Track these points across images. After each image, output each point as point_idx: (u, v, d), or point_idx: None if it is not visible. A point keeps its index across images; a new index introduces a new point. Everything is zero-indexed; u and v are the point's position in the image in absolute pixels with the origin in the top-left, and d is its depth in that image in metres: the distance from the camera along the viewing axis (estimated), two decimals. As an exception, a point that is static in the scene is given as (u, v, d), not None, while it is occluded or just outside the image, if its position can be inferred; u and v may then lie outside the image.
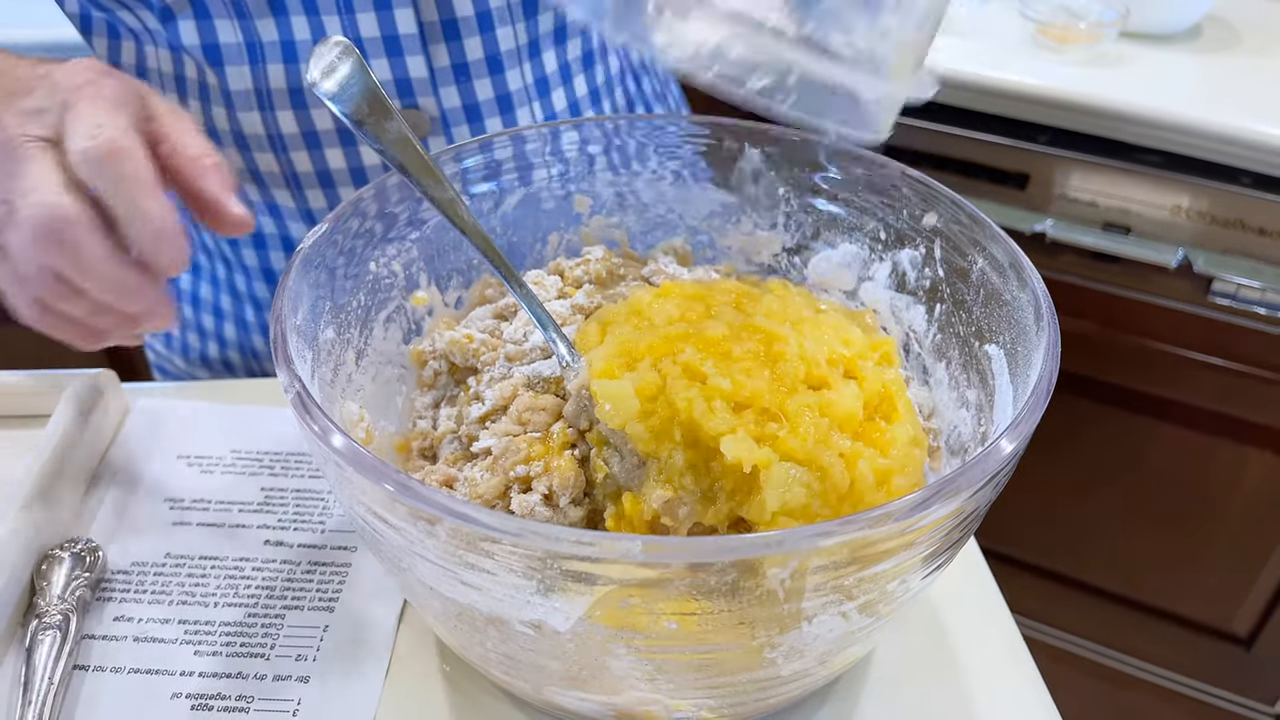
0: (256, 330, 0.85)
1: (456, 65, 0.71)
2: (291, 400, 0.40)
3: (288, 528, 0.62)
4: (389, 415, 0.56)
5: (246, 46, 0.68)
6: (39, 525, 0.57)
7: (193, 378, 0.90)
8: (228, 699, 0.52)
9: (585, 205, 0.63)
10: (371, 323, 0.55)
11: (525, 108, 0.75)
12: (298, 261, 0.47)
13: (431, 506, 0.35)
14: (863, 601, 0.39)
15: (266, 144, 0.72)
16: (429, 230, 0.57)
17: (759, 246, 0.63)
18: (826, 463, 0.45)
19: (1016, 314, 0.48)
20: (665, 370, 0.47)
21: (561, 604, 0.37)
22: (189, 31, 0.68)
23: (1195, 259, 1.14)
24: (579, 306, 0.57)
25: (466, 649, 0.46)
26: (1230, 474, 1.29)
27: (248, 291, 0.83)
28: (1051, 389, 0.42)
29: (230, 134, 0.72)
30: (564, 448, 0.50)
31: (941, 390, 0.55)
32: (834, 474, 0.45)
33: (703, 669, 0.41)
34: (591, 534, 0.35)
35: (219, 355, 0.87)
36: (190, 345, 0.88)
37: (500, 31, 0.71)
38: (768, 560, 0.35)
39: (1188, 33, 1.29)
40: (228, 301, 0.84)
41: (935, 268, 0.55)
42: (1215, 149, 1.09)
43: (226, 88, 0.70)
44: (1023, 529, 1.44)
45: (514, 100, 0.74)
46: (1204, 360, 1.22)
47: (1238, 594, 1.37)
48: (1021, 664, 0.54)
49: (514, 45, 0.72)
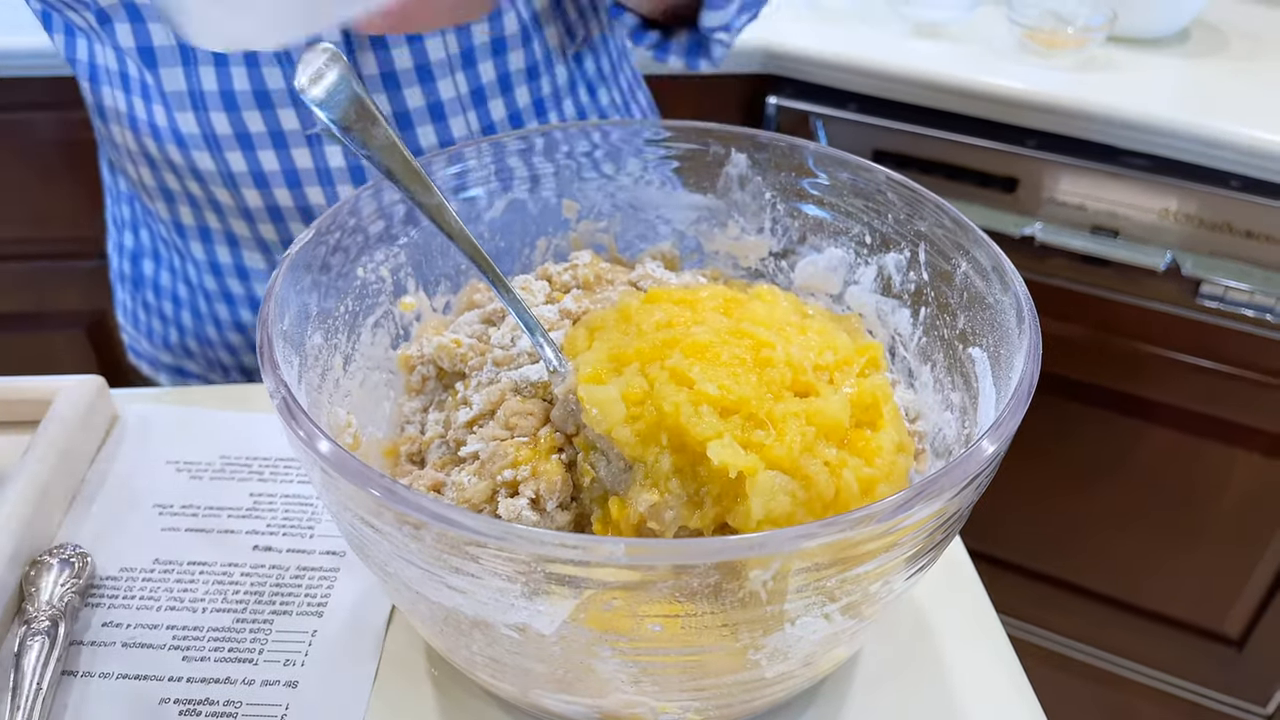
0: (210, 321, 0.86)
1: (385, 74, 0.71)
2: (278, 406, 0.40)
3: (276, 533, 0.62)
4: (377, 421, 0.56)
5: (180, 49, 0.70)
6: (27, 530, 0.57)
7: (158, 360, 0.93)
8: (215, 704, 0.52)
9: (573, 210, 0.63)
10: (359, 328, 0.55)
11: (459, 117, 0.75)
12: (285, 267, 0.47)
13: (417, 511, 0.36)
14: (846, 603, 0.40)
15: (203, 143, 0.73)
16: (416, 235, 0.57)
17: (746, 251, 0.63)
18: (812, 471, 0.45)
19: (999, 317, 0.48)
20: (653, 375, 0.48)
21: (546, 607, 0.37)
22: (125, 34, 0.70)
23: (1184, 262, 1.15)
24: (566, 311, 0.57)
25: (453, 653, 0.46)
26: (1219, 476, 1.29)
27: (198, 283, 0.85)
28: (1032, 391, 0.42)
29: (170, 133, 0.74)
30: (551, 452, 0.50)
31: (926, 393, 0.55)
32: (819, 482, 0.45)
33: (688, 671, 0.41)
34: (575, 537, 0.35)
35: (179, 341, 0.89)
36: (155, 330, 0.91)
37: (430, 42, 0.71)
38: (750, 562, 0.36)
39: (1175, 37, 1.30)
40: (184, 291, 0.86)
41: (920, 271, 0.55)
42: (1203, 153, 1.10)
43: (163, 88, 0.72)
44: (1013, 531, 1.44)
45: (445, 109, 0.74)
46: (1193, 362, 1.22)
47: (1229, 595, 1.37)
48: (1007, 665, 0.55)
49: (444, 55, 0.73)
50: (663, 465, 0.46)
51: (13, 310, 1.48)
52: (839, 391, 0.50)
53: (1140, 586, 1.43)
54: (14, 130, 1.31)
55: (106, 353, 1.51)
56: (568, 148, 0.61)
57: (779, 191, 0.60)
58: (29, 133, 1.32)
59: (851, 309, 0.60)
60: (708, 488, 0.46)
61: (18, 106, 1.29)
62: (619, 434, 0.47)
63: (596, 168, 0.62)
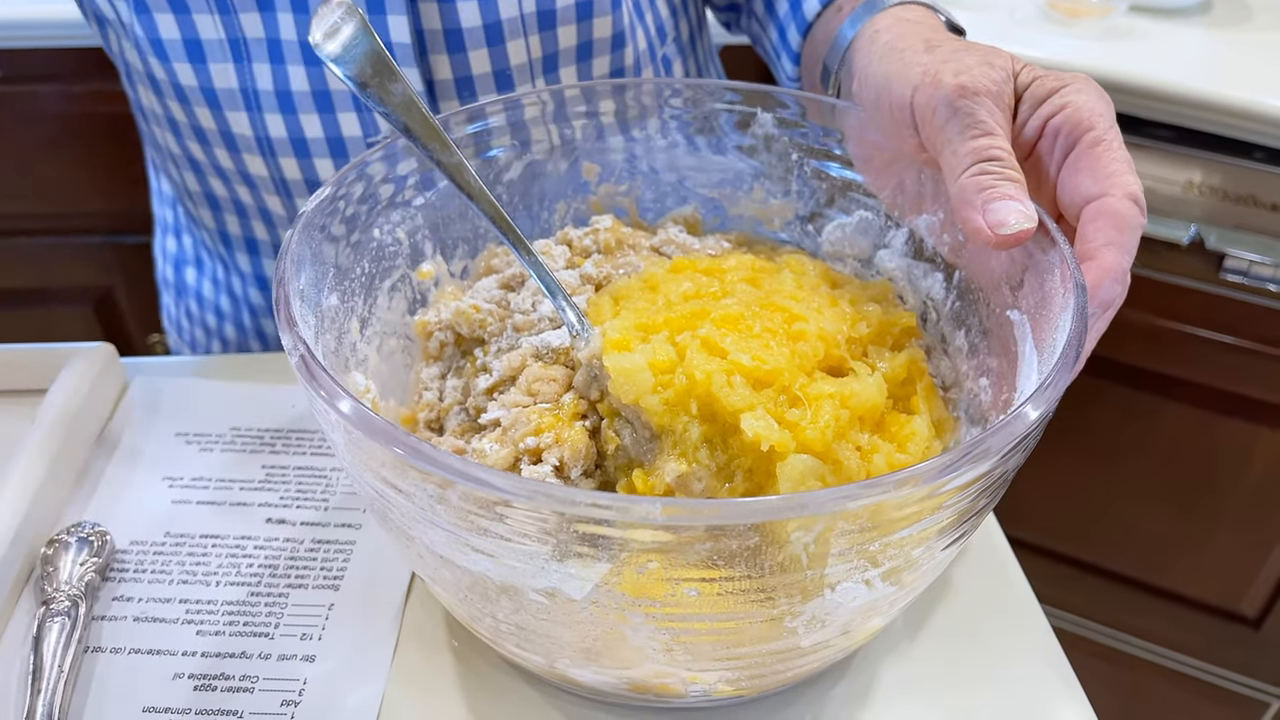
0: (255, 337, 0.83)
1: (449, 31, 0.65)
2: (296, 364, 0.38)
3: (290, 505, 0.61)
4: (394, 390, 0.55)
5: (230, 44, 0.64)
6: (37, 498, 0.56)
7: None
8: (231, 679, 0.51)
9: (593, 173, 0.61)
10: (376, 291, 0.53)
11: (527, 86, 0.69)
12: (300, 225, 0.46)
13: (444, 470, 0.34)
14: (888, 568, 0.38)
15: (256, 147, 0.68)
16: (434, 197, 0.56)
17: (771, 214, 0.61)
18: (843, 457, 0.44)
19: (1041, 276, 0.46)
20: (683, 345, 0.46)
21: (577, 570, 0.36)
22: (167, 25, 0.63)
23: (1207, 236, 1.13)
24: (587, 276, 0.56)
25: (477, 621, 0.45)
26: (1240, 454, 1.28)
27: (243, 296, 0.80)
28: (1080, 352, 0.41)
29: (220, 135, 0.68)
30: (574, 419, 0.48)
31: (960, 359, 0.54)
32: (850, 468, 0.44)
33: (722, 639, 0.40)
34: (608, 496, 0.33)
35: (221, 354, 0.85)
36: (198, 341, 0.87)
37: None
38: (791, 523, 0.34)
39: (1199, 6, 1.27)
40: (227, 303, 0.82)
41: (954, 233, 0.53)
42: (1227, 124, 1.08)
43: (213, 85, 0.65)
44: (1030, 510, 1.43)
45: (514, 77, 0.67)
46: (1215, 338, 1.20)
47: (1246, 575, 1.36)
48: (1041, 639, 0.53)
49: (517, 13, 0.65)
50: (691, 435, 0.45)
51: (18, 286, 1.47)
52: (874, 369, 0.49)
53: (1157, 566, 1.42)
54: (17, 102, 1.29)
55: (114, 329, 1.49)
56: (588, 107, 0.59)
57: (805, 152, 0.58)
58: (33, 105, 1.30)
59: (881, 274, 0.58)
60: (739, 460, 0.45)
61: (21, 79, 1.27)
62: (647, 402, 0.45)
63: (617, 129, 0.60)
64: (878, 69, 0.53)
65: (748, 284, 0.53)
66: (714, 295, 0.51)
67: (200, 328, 0.85)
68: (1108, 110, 0.48)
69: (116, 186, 1.36)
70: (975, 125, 0.47)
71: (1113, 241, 0.44)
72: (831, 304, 0.52)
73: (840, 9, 0.62)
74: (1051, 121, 0.48)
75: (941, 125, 0.48)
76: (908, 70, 0.50)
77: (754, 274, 0.54)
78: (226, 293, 0.82)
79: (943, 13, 0.59)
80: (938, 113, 0.48)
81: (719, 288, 0.52)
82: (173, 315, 0.89)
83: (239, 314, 0.82)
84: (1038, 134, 0.49)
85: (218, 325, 0.84)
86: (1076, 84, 0.48)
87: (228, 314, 0.82)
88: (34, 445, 0.58)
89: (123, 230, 1.41)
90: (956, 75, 0.48)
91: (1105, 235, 0.44)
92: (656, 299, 0.52)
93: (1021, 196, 0.45)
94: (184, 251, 0.85)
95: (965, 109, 0.47)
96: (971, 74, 0.48)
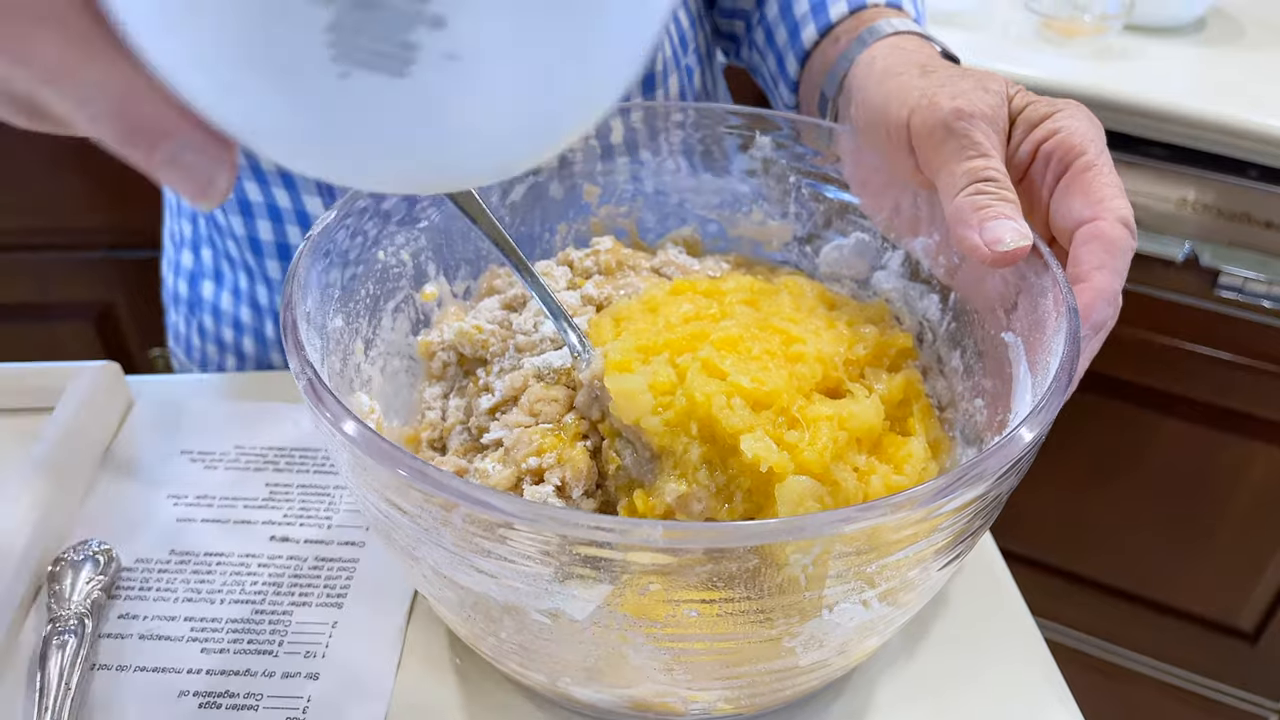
0: (275, 347, 0.83)
1: None
2: (303, 388, 0.39)
3: (293, 523, 0.61)
4: (397, 410, 0.56)
5: None
6: (44, 516, 0.56)
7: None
8: (236, 696, 0.51)
9: (594, 195, 0.62)
10: (380, 312, 0.54)
11: None
12: (307, 248, 0.47)
13: (447, 492, 0.35)
14: (884, 589, 0.39)
15: None
16: (437, 219, 0.56)
17: (769, 236, 0.62)
18: (840, 478, 0.45)
19: (1035, 299, 0.47)
20: (683, 366, 0.47)
21: (579, 591, 0.37)
22: None
23: (1202, 252, 1.14)
24: (588, 297, 0.56)
25: (480, 640, 0.45)
26: (1236, 469, 1.28)
27: (269, 304, 0.80)
28: (1073, 374, 0.41)
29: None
30: (576, 439, 0.49)
31: (956, 379, 0.54)
32: (847, 489, 0.45)
33: (722, 658, 0.40)
34: (610, 519, 0.34)
35: (235, 369, 0.85)
36: (209, 356, 0.86)
37: None
38: (789, 546, 0.35)
39: (1193, 25, 1.28)
40: (248, 315, 0.82)
41: (949, 254, 0.54)
42: (1221, 142, 1.09)
43: None
44: (1027, 524, 1.43)
45: None
46: (1210, 354, 1.21)
47: (1243, 589, 1.36)
48: (1038, 656, 0.54)
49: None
50: (691, 456, 0.46)
51: (19, 300, 1.47)
52: (870, 391, 0.49)
53: (1153, 580, 1.42)
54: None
55: (114, 344, 1.50)
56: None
57: (803, 174, 0.59)
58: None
59: (878, 295, 0.59)
60: (738, 481, 0.45)
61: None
62: (647, 423, 0.46)
63: (618, 151, 0.61)
64: (875, 93, 0.54)
65: (747, 306, 0.54)
66: (713, 317, 0.52)
67: (214, 343, 0.85)
68: (1099, 136, 0.49)
69: (117, 201, 1.36)
70: (971, 147, 0.47)
71: (1104, 264, 0.45)
72: (829, 325, 0.52)
73: (837, 39, 0.63)
74: (1044, 146, 0.49)
75: (938, 146, 0.48)
76: (905, 93, 0.51)
77: (753, 296, 0.55)
78: (249, 304, 0.82)
79: (937, 42, 0.60)
80: (934, 134, 0.49)
81: (718, 309, 0.53)
82: (181, 334, 0.88)
83: (261, 325, 0.82)
84: (1030, 158, 0.49)
85: (235, 339, 0.84)
86: (1068, 110, 0.49)
87: (247, 326, 0.82)
88: (40, 463, 0.58)
89: (124, 245, 1.41)
90: (953, 98, 0.49)
91: (1097, 258, 0.45)
92: (657, 321, 0.52)
93: (1017, 216, 0.45)
94: (201, 265, 0.84)
95: (962, 131, 0.48)
96: (968, 97, 0.49)
